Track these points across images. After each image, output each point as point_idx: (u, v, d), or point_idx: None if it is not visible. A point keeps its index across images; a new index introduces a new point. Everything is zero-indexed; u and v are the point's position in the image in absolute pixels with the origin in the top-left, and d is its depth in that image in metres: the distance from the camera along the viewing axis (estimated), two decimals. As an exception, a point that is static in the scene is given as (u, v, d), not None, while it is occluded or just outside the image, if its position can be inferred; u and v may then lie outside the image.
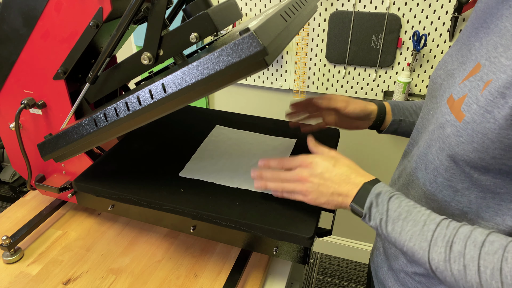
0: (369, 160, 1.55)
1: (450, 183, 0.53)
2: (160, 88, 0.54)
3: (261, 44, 0.47)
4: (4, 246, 0.71)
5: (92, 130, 0.61)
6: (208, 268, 0.71)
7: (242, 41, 0.48)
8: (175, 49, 0.62)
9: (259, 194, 0.70)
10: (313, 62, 1.41)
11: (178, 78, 0.53)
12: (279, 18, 0.56)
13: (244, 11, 1.37)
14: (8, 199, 2.20)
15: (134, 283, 0.69)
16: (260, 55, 0.48)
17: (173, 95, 0.54)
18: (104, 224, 0.82)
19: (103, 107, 0.61)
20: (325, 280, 1.74)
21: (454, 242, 0.46)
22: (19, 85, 0.72)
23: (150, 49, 0.62)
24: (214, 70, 0.50)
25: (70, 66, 0.67)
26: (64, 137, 0.64)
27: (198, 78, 0.52)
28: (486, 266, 0.43)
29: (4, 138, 0.80)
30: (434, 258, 0.47)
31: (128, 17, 0.60)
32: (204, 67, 0.51)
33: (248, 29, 0.48)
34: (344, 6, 1.28)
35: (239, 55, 0.48)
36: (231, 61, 0.49)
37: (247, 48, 0.48)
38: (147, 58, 0.62)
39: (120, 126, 0.60)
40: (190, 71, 0.52)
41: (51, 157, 0.69)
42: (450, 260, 0.46)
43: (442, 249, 0.46)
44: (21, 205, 0.87)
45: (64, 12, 0.63)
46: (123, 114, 0.58)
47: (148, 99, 0.56)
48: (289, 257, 0.67)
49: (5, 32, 0.67)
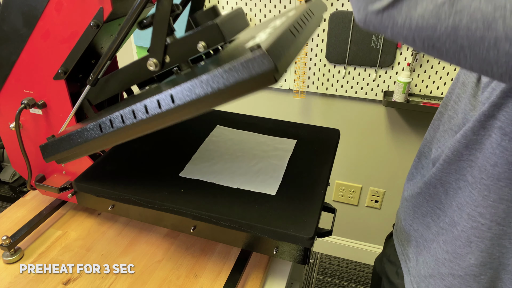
0: (369, 160, 1.55)
1: None
2: (168, 99, 0.54)
3: (272, 63, 0.48)
4: (4, 246, 0.71)
5: (96, 136, 0.61)
6: (208, 268, 0.71)
7: (254, 59, 0.48)
8: (182, 56, 0.63)
9: (259, 195, 0.70)
10: (313, 62, 1.41)
11: (187, 90, 0.53)
12: (289, 34, 0.56)
13: (244, 11, 1.37)
14: (8, 199, 2.20)
15: (134, 283, 0.69)
16: (271, 73, 0.48)
17: (182, 107, 0.54)
18: (104, 224, 0.82)
19: (108, 112, 0.61)
20: (325, 280, 1.74)
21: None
22: (19, 85, 0.72)
23: (156, 55, 0.62)
24: (224, 85, 0.51)
25: (70, 66, 0.67)
26: (68, 141, 0.64)
27: (208, 91, 0.52)
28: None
29: (4, 138, 0.80)
30: None
31: (130, 21, 0.60)
32: (214, 81, 0.51)
33: (259, 46, 0.48)
34: (344, 6, 1.28)
35: (250, 73, 0.49)
36: (242, 77, 0.50)
37: (258, 66, 0.48)
38: (153, 64, 0.62)
39: (125, 133, 0.60)
40: (199, 84, 0.52)
41: (53, 159, 0.69)
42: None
43: None
44: (21, 205, 0.87)
45: (64, 12, 0.63)
46: (129, 122, 0.58)
47: (155, 108, 0.56)
48: (289, 257, 0.67)
49: (5, 32, 0.67)
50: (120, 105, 0.62)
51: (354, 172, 1.60)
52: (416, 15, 0.38)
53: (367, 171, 1.58)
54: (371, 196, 1.62)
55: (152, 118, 0.57)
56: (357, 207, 1.67)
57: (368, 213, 1.67)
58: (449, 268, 0.59)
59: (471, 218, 0.55)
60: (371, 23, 0.41)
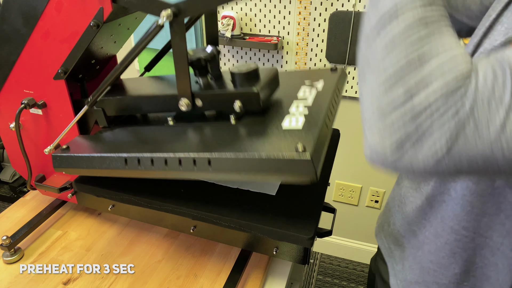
0: (369, 160, 1.55)
1: None
2: (205, 162, 0.55)
3: (313, 171, 0.50)
4: (4, 246, 0.71)
5: (119, 167, 0.62)
6: (208, 268, 0.71)
7: (299, 161, 0.50)
8: (215, 107, 0.65)
9: (259, 195, 0.70)
10: (313, 62, 1.41)
11: (225, 161, 0.54)
12: (324, 129, 0.58)
13: (244, 11, 1.37)
14: (8, 199, 2.20)
15: (134, 283, 0.69)
16: (310, 177, 0.51)
17: (215, 173, 0.56)
18: (104, 224, 0.82)
19: (137, 150, 0.62)
20: (325, 280, 1.74)
21: (427, 22, 0.37)
22: (19, 85, 0.72)
23: (186, 95, 0.63)
24: (262, 170, 0.53)
25: (70, 66, 0.67)
26: (87, 161, 0.64)
27: (245, 170, 0.54)
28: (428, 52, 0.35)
29: (4, 138, 0.80)
30: (395, 20, 0.37)
31: (136, 50, 0.61)
32: (254, 163, 0.53)
33: (304, 149, 0.50)
34: (344, 6, 1.28)
35: (291, 170, 0.51)
36: (282, 171, 0.52)
37: (300, 168, 0.50)
38: (185, 105, 0.63)
39: (149, 174, 0.61)
40: (240, 161, 0.54)
41: (63, 171, 0.69)
42: (406, 31, 0.37)
43: (411, 13, 0.37)
44: (21, 205, 0.87)
45: (64, 12, 0.63)
46: (158, 168, 0.59)
47: (190, 165, 0.57)
48: (289, 257, 0.67)
49: (5, 32, 0.67)
50: (154, 146, 0.63)
51: (354, 172, 1.60)
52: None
53: (367, 171, 1.58)
54: (371, 196, 1.62)
55: (183, 173, 0.58)
56: (357, 207, 1.67)
57: (368, 213, 1.66)
58: (434, 277, 0.61)
59: (455, 232, 0.56)
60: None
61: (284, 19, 1.35)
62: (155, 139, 0.65)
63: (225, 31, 1.36)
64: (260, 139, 0.56)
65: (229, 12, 1.36)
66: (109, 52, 0.79)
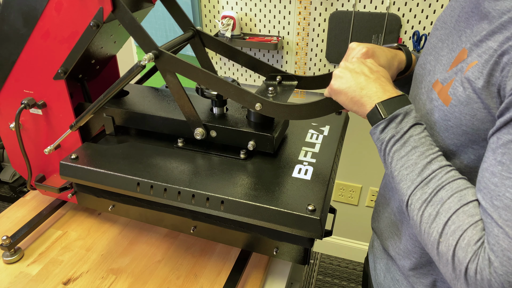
0: (369, 160, 1.55)
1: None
2: (218, 201, 0.59)
3: (320, 229, 0.55)
4: (4, 246, 0.71)
5: (130, 189, 0.63)
6: (208, 268, 0.71)
7: (308, 219, 0.55)
8: (228, 141, 0.68)
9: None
10: (313, 62, 1.41)
11: (237, 204, 0.58)
12: (331, 185, 0.64)
13: (244, 11, 1.37)
14: (8, 199, 2.20)
15: (134, 283, 0.69)
16: (315, 235, 0.56)
17: (225, 212, 0.59)
18: (104, 224, 0.82)
19: (149, 175, 0.63)
20: (325, 280, 1.74)
21: (443, 188, 0.44)
22: (19, 85, 0.72)
23: (199, 125, 0.67)
24: (272, 221, 0.57)
25: (70, 66, 0.67)
26: (98, 176, 0.65)
27: (255, 216, 0.58)
28: (454, 222, 0.42)
29: (4, 138, 0.80)
30: (417, 194, 0.46)
31: (117, 88, 0.65)
32: (266, 212, 0.57)
33: (314, 210, 0.56)
34: (344, 6, 1.28)
35: (299, 226, 0.56)
36: (290, 224, 0.56)
37: (308, 226, 0.55)
38: (200, 134, 0.67)
39: (158, 199, 0.62)
40: (252, 207, 0.58)
41: (70, 180, 0.70)
42: (429, 202, 0.44)
43: (429, 190, 0.45)
44: (21, 205, 0.87)
45: (64, 12, 0.63)
46: (171, 198, 0.61)
47: (202, 201, 0.60)
48: (289, 257, 0.67)
49: (5, 32, 0.67)
50: (160, 165, 0.66)
51: (354, 172, 1.60)
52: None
53: (367, 171, 1.58)
54: (371, 196, 1.62)
55: (194, 206, 0.60)
56: (357, 207, 1.67)
57: (368, 213, 1.66)
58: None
59: (424, 251, 0.57)
60: None
61: (284, 19, 1.35)
62: (166, 165, 0.66)
63: (225, 31, 1.36)
64: (271, 187, 0.61)
65: (229, 12, 1.36)
66: (109, 52, 0.79)
